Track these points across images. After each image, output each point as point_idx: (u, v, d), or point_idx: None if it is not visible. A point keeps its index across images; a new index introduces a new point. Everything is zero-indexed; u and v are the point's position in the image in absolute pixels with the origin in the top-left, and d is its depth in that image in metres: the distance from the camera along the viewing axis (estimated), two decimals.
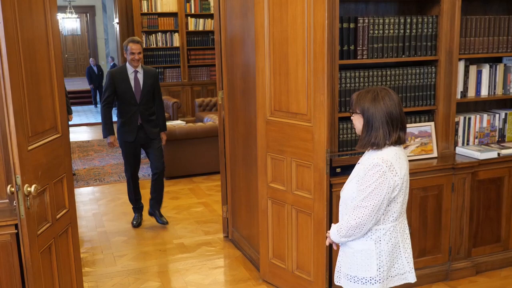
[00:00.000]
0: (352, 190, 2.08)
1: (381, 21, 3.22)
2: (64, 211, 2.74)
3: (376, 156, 2.02)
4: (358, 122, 2.09)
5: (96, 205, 5.46)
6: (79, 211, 5.03)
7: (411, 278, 2.15)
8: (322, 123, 2.90)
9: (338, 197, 3.01)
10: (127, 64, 4.39)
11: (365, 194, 2.00)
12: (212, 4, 9.21)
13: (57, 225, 2.64)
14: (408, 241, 2.15)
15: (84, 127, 10.83)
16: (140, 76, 4.42)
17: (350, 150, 3.27)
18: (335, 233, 2.14)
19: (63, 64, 18.13)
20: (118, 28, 9.59)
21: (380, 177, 1.98)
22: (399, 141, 2.07)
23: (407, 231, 2.16)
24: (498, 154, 3.49)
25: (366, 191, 2.00)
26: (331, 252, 3.04)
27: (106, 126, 4.47)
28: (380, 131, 2.02)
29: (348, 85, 3.21)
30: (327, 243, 2.29)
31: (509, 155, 3.50)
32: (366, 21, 3.18)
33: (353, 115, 2.11)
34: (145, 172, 6.64)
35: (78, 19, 15.82)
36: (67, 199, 2.79)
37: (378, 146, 2.03)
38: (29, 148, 2.35)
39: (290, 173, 3.16)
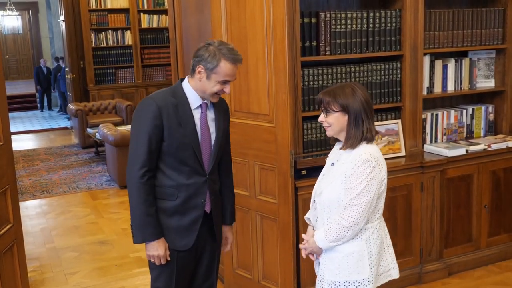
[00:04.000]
0: (338, 191, 2.10)
1: (343, 15, 3.31)
2: (8, 226, 2.69)
3: (363, 152, 2.09)
4: (337, 121, 2.11)
5: (44, 219, 5.35)
6: (25, 226, 4.90)
7: (395, 274, 2.23)
8: (285, 124, 2.96)
9: (304, 201, 3.09)
10: (185, 86, 2.30)
11: (356, 192, 2.05)
12: None
13: (1, 242, 2.59)
14: (389, 237, 2.25)
15: (28, 135, 10.56)
16: (212, 116, 2.37)
17: (315, 151, 3.34)
18: (322, 239, 2.12)
19: (3, 66, 17.60)
20: (64, 26, 9.43)
21: (371, 172, 2.06)
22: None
23: (386, 227, 2.25)
24: (467, 150, 3.64)
25: (357, 188, 2.05)
26: (299, 259, 3.10)
27: (147, 219, 2.23)
28: (371, 122, 2.12)
29: (311, 83, 3.28)
30: (304, 255, 2.26)
31: (477, 152, 3.67)
32: (328, 15, 3.26)
33: (328, 114, 2.13)
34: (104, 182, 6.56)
35: (19, 17, 15.44)
36: (12, 213, 2.75)
37: (371, 139, 2.11)
38: None
39: (253, 177, 3.21)
